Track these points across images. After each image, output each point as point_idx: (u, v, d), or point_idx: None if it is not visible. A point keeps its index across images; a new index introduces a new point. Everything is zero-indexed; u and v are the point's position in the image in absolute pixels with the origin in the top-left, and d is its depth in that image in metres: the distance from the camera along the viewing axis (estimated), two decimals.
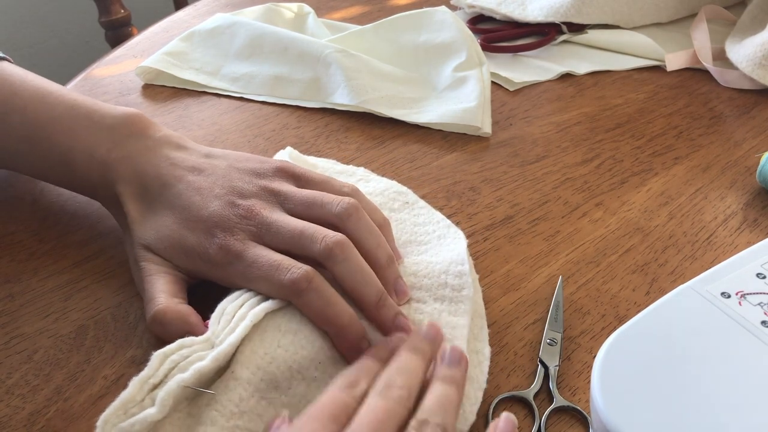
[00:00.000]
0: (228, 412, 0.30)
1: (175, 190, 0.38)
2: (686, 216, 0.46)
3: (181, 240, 0.36)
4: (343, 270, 0.34)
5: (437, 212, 0.43)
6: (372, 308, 0.34)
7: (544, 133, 0.56)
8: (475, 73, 0.59)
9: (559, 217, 0.46)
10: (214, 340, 0.32)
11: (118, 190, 0.39)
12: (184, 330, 0.33)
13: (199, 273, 0.36)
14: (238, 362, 0.31)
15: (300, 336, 0.33)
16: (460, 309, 0.36)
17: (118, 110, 0.42)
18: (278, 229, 0.35)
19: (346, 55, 0.59)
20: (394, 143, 0.54)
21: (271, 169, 0.39)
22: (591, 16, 0.69)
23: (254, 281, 0.34)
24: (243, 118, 0.58)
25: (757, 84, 0.61)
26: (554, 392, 0.34)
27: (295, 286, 0.33)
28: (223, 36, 0.65)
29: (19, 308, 0.38)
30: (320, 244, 0.34)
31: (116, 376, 0.34)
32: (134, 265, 0.38)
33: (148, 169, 0.39)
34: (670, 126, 0.57)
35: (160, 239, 0.37)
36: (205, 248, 0.35)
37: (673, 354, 0.28)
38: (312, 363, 0.32)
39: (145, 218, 0.38)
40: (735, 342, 0.28)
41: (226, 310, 0.33)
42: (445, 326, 0.35)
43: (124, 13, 1.03)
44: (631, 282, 0.41)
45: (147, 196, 0.39)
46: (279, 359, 0.32)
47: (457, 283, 0.37)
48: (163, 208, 0.38)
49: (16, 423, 0.32)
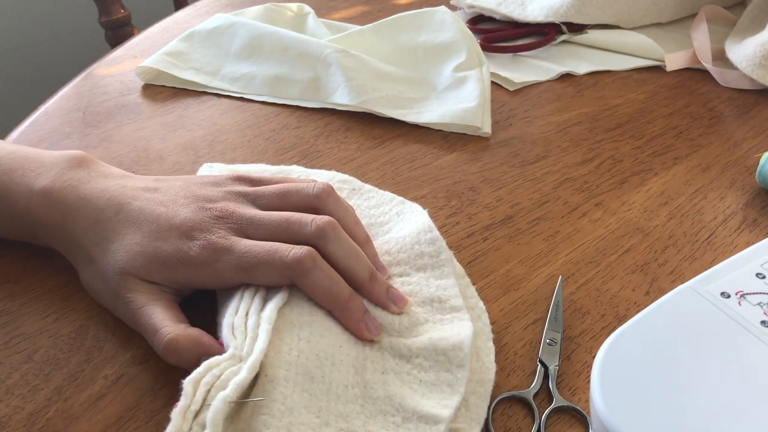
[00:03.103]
0: (277, 412, 0.29)
1: (134, 207, 0.36)
2: (686, 216, 0.46)
3: (157, 252, 0.34)
4: (337, 248, 0.35)
5: (386, 192, 0.45)
6: (366, 284, 0.35)
7: (544, 133, 0.56)
8: (475, 73, 0.59)
9: (559, 217, 0.46)
10: (240, 353, 0.31)
11: (66, 221, 0.37)
12: (199, 353, 0.32)
13: (185, 282, 0.35)
14: (267, 365, 0.31)
15: (315, 325, 0.33)
16: (444, 272, 0.38)
17: (60, 152, 0.40)
18: (261, 221, 0.35)
19: (346, 55, 0.59)
20: (394, 143, 0.54)
21: (226, 178, 0.39)
22: (591, 16, 0.69)
23: (251, 270, 0.34)
24: (243, 118, 0.58)
25: (757, 84, 0.61)
26: (554, 392, 0.34)
27: (300, 265, 0.33)
28: (223, 36, 0.65)
29: (19, 308, 0.38)
30: (311, 226, 0.35)
31: (116, 376, 0.34)
32: (114, 299, 0.36)
33: (97, 193, 0.37)
34: (670, 126, 0.57)
35: (133, 258, 0.35)
36: (185, 252, 0.34)
37: (673, 354, 0.28)
38: (334, 347, 0.33)
39: (108, 244, 0.36)
40: (734, 342, 0.28)
41: (234, 324, 0.33)
42: (437, 289, 0.37)
43: (124, 13, 1.03)
44: (630, 282, 0.41)
45: (102, 221, 0.36)
46: (305, 351, 0.32)
47: (432, 250, 0.39)
48: (124, 228, 0.36)
49: (16, 423, 0.32)
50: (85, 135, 0.55)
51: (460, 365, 0.33)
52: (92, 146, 0.53)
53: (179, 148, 0.53)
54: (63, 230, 0.37)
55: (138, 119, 0.57)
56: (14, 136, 0.55)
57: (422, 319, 0.36)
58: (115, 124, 0.56)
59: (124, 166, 0.51)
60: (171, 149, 0.53)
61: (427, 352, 0.34)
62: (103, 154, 0.52)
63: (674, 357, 0.28)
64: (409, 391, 0.32)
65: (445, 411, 0.31)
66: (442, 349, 0.33)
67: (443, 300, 0.37)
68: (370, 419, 0.31)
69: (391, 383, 0.33)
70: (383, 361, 0.34)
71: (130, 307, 0.34)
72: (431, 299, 0.37)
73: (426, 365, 0.33)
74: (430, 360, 0.33)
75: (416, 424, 0.31)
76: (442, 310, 0.36)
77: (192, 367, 0.31)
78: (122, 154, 0.52)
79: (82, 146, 0.53)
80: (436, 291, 0.37)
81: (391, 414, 0.31)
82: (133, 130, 0.55)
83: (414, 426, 0.31)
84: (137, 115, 0.58)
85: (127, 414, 0.33)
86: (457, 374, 0.33)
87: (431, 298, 0.37)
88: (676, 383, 0.26)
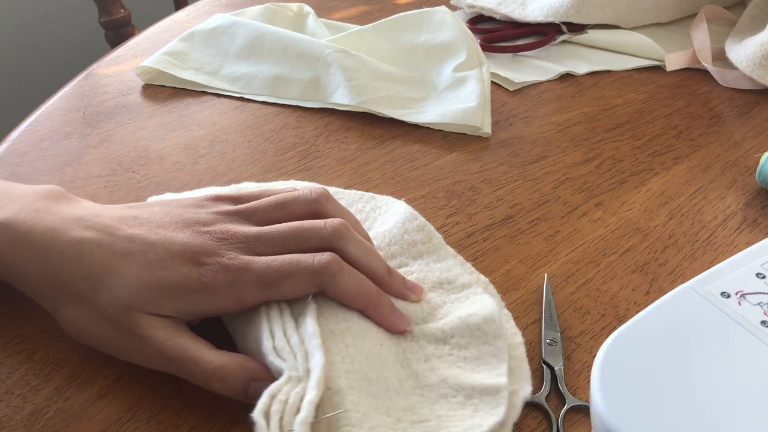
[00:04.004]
0: (357, 420, 0.29)
1: (120, 236, 0.33)
2: (686, 216, 0.46)
3: (163, 283, 0.32)
4: (354, 248, 0.35)
5: (353, 191, 0.46)
6: (385, 278, 0.36)
7: (544, 133, 0.56)
8: (475, 73, 0.59)
9: (559, 217, 0.46)
10: (296, 374, 0.30)
11: (37, 255, 0.33)
12: (247, 379, 0.31)
13: (198, 311, 0.33)
14: (327, 378, 0.31)
15: (354, 329, 0.33)
16: (441, 254, 0.39)
17: (32, 186, 0.37)
18: (269, 235, 0.34)
19: (346, 55, 0.59)
20: (394, 143, 0.54)
21: (205, 199, 0.37)
22: (591, 16, 0.69)
23: (275, 284, 0.32)
24: (243, 118, 0.58)
25: (757, 84, 0.61)
26: (565, 393, 0.34)
27: (328, 270, 0.33)
28: (223, 36, 0.65)
29: (19, 308, 0.38)
30: (326, 229, 0.34)
31: (116, 376, 0.34)
32: (119, 339, 0.32)
33: (69, 224, 0.34)
34: (670, 126, 0.57)
35: (137, 293, 0.32)
36: (196, 279, 0.32)
37: (673, 354, 0.28)
38: (376, 347, 0.33)
39: (98, 279, 0.32)
40: (734, 342, 0.28)
41: (277, 347, 0.32)
42: (441, 272, 0.38)
43: (124, 13, 1.03)
44: (630, 282, 0.41)
45: (83, 254, 0.33)
46: (356, 356, 0.32)
47: (423, 236, 0.40)
48: (113, 260, 0.33)
49: (16, 423, 0.32)
50: (85, 135, 0.55)
51: (497, 335, 0.34)
52: (92, 146, 0.53)
53: (179, 148, 0.53)
54: (35, 266, 0.33)
55: (138, 119, 0.57)
56: (14, 136, 0.55)
57: (439, 302, 0.37)
58: (115, 124, 0.56)
59: (124, 166, 0.51)
60: (171, 149, 0.53)
61: (461, 330, 0.34)
62: (103, 154, 0.52)
63: (674, 357, 0.28)
64: (458, 371, 0.33)
65: (501, 379, 0.32)
66: (476, 325, 0.34)
67: (451, 280, 0.38)
68: (435, 405, 0.32)
69: (439, 368, 0.33)
70: (422, 349, 0.34)
71: (151, 343, 0.32)
72: (440, 282, 0.38)
73: (464, 343, 0.34)
74: (466, 338, 0.34)
75: (480, 398, 0.32)
76: (453, 289, 0.37)
77: (238, 393, 0.31)
78: (122, 154, 0.52)
79: (82, 146, 0.53)
80: (441, 274, 0.38)
81: (452, 395, 0.32)
82: (133, 130, 0.55)
83: (479, 400, 0.32)
84: (137, 115, 0.58)
85: (127, 414, 0.32)
86: (497, 344, 0.34)
87: (439, 282, 0.38)
88: (676, 383, 0.26)
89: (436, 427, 0.31)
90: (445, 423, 0.31)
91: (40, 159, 0.52)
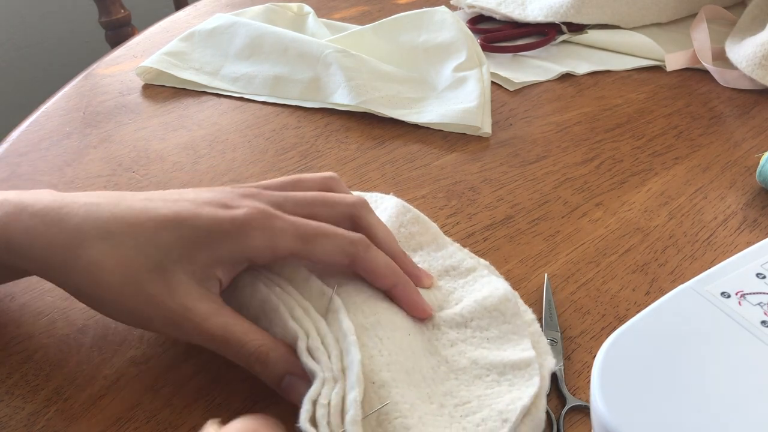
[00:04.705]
0: (407, 411, 0.29)
1: (138, 198, 0.32)
2: (686, 216, 0.46)
3: (194, 230, 0.30)
4: (375, 220, 0.36)
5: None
6: (401, 257, 0.36)
7: (544, 133, 0.56)
8: (475, 73, 0.59)
9: (559, 217, 0.46)
10: (332, 374, 0.30)
11: (49, 220, 0.31)
12: (285, 371, 0.31)
13: (230, 258, 0.31)
14: (369, 373, 0.31)
15: (383, 322, 0.33)
16: (440, 243, 0.40)
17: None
18: (296, 197, 0.34)
19: (346, 55, 0.59)
20: (394, 143, 0.54)
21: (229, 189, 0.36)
22: (591, 16, 0.69)
23: (311, 240, 0.31)
24: (243, 118, 0.58)
25: (757, 84, 0.61)
26: (565, 392, 0.34)
27: (363, 241, 0.33)
28: (223, 36, 0.65)
29: (19, 308, 0.38)
30: (349, 198, 0.35)
31: (116, 376, 0.34)
32: (148, 306, 0.30)
33: (78, 197, 0.32)
34: (670, 126, 0.57)
35: (167, 248, 0.30)
36: (230, 219, 0.30)
37: (673, 354, 0.28)
38: (406, 337, 0.33)
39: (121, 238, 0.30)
40: (735, 342, 0.28)
41: (311, 347, 0.31)
42: (445, 259, 0.39)
43: (124, 13, 1.03)
44: (631, 282, 0.41)
45: (101, 213, 0.31)
46: (392, 348, 0.32)
47: (420, 228, 0.41)
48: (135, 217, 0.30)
49: (16, 423, 0.32)
50: (85, 135, 0.55)
51: (515, 313, 0.35)
52: (92, 146, 0.53)
53: (179, 148, 0.53)
54: (42, 233, 0.31)
55: (138, 119, 0.57)
56: (14, 136, 0.55)
57: (450, 288, 0.37)
58: (115, 124, 0.56)
59: (125, 166, 0.51)
60: (171, 149, 0.53)
61: (479, 313, 0.35)
62: (103, 154, 0.52)
63: (674, 357, 0.28)
64: (485, 351, 0.34)
65: (528, 352, 0.33)
66: (492, 306, 0.35)
67: (456, 266, 0.39)
68: (472, 386, 0.32)
69: (466, 351, 0.34)
70: (445, 335, 0.35)
71: (191, 317, 0.30)
72: (445, 270, 0.39)
73: (484, 324, 0.35)
74: (485, 319, 0.35)
75: (513, 373, 0.32)
76: (460, 274, 0.38)
77: (274, 381, 0.31)
78: (122, 154, 0.52)
79: (82, 146, 0.53)
80: (444, 261, 0.39)
81: (486, 375, 0.33)
82: (133, 130, 0.55)
83: (512, 375, 0.32)
84: (137, 115, 0.58)
85: (127, 414, 0.32)
86: (516, 321, 0.35)
87: (445, 269, 0.39)
88: (676, 383, 0.26)
89: (478, 406, 0.31)
90: (486, 401, 0.31)
91: (40, 159, 0.52)
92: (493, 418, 0.30)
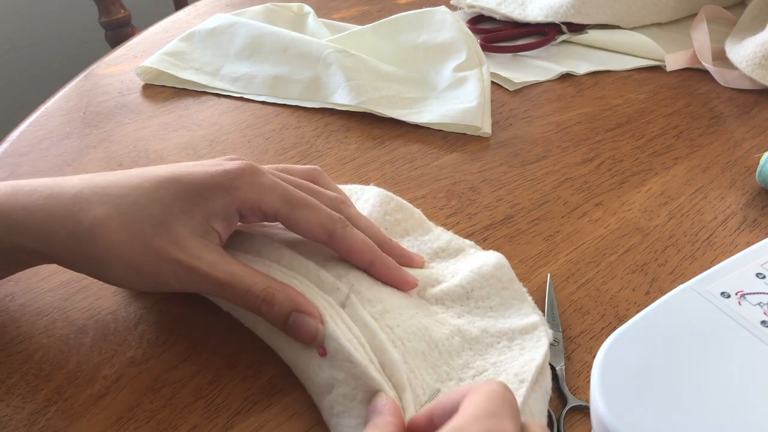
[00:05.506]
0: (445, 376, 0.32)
1: (135, 171, 0.34)
2: (686, 216, 0.46)
3: (190, 186, 0.32)
4: (356, 213, 0.37)
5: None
6: (387, 242, 0.37)
7: (544, 133, 0.56)
8: (475, 73, 0.59)
9: (559, 217, 0.46)
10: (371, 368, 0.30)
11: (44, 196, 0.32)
12: (291, 309, 0.32)
13: (223, 210, 0.32)
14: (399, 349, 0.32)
15: (389, 308, 0.34)
16: (426, 227, 0.41)
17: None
18: (285, 179, 0.35)
19: (346, 55, 0.59)
20: (394, 143, 0.54)
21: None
22: (591, 16, 0.69)
23: (296, 206, 0.33)
24: (243, 118, 0.58)
25: (757, 84, 0.61)
26: (566, 392, 0.34)
27: (342, 221, 0.34)
28: (223, 36, 0.65)
29: (19, 308, 0.38)
30: (332, 193, 0.37)
31: (116, 376, 0.34)
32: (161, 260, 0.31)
33: (75, 179, 0.33)
34: (670, 126, 0.57)
35: (168, 204, 0.31)
36: (222, 172, 0.32)
37: (673, 354, 0.28)
38: (414, 317, 0.34)
39: (122, 199, 0.32)
40: (735, 342, 0.28)
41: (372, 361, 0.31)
42: (431, 242, 0.40)
43: (124, 13, 1.03)
44: (631, 282, 0.41)
45: (98, 179, 0.33)
46: (403, 337, 0.33)
47: (405, 215, 0.42)
48: (137, 181, 0.32)
49: (16, 423, 0.32)
50: (85, 135, 0.55)
51: (512, 278, 0.37)
52: (92, 146, 0.53)
53: (179, 148, 0.53)
54: (44, 206, 0.32)
55: (138, 119, 0.57)
56: (14, 136, 0.55)
57: (442, 267, 0.38)
58: (115, 124, 0.56)
59: (125, 166, 0.51)
60: (171, 149, 0.53)
61: (478, 283, 0.36)
62: (103, 154, 0.52)
63: (674, 357, 0.28)
64: (491, 320, 0.35)
65: (533, 316, 0.35)
66: (489, 273, 0.37)
67: (445, 248, 0.40)
68: (486, 355, 0.33)
69: (474, 321, 0.35)
70: (449, 309, 0.36)
71: (199, 267, 0.31)
72: (435, 252, 0.40)
73: (484, 293, 0.36)
74: (485, 288, 0.36)
75: (523, 337, 0.34)
76: (450, 255, 0.39)
77: (280, 321, 0.32)
78: (122, 154, 0.52)
79: (82, 146, 0.53)
80: (433, 244, 0.40)
81: (497, 342, 0.34)
82: (133, 130, 0.55)
83: (521, 339, 0.34)
84: (137, 115, 0.58)
85: (127, 414, 0.32)
86: (514, 286, 0.36)
87: (435, 252, 0.40)
88: (676, 383, 0.26)
89: (495, 374, 0.32)
90: (501, 368, 0.32)
91: (40, 159, 0.52)
92: (510, 381, 0.31)
